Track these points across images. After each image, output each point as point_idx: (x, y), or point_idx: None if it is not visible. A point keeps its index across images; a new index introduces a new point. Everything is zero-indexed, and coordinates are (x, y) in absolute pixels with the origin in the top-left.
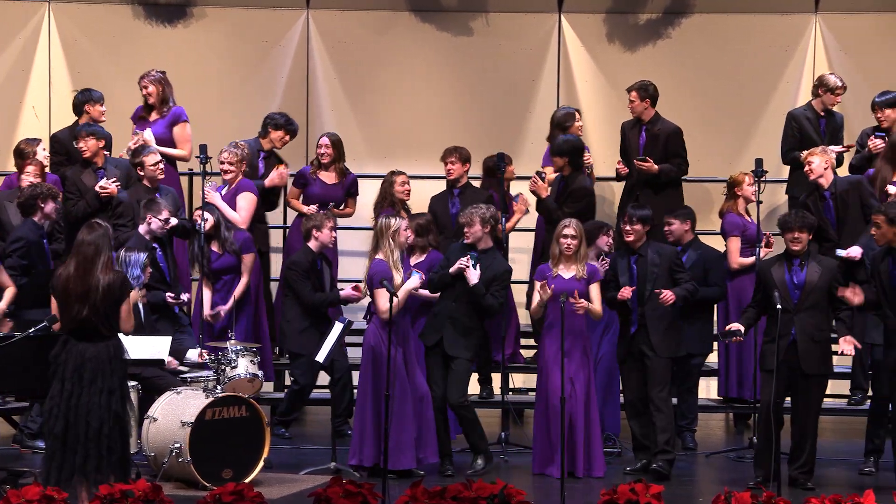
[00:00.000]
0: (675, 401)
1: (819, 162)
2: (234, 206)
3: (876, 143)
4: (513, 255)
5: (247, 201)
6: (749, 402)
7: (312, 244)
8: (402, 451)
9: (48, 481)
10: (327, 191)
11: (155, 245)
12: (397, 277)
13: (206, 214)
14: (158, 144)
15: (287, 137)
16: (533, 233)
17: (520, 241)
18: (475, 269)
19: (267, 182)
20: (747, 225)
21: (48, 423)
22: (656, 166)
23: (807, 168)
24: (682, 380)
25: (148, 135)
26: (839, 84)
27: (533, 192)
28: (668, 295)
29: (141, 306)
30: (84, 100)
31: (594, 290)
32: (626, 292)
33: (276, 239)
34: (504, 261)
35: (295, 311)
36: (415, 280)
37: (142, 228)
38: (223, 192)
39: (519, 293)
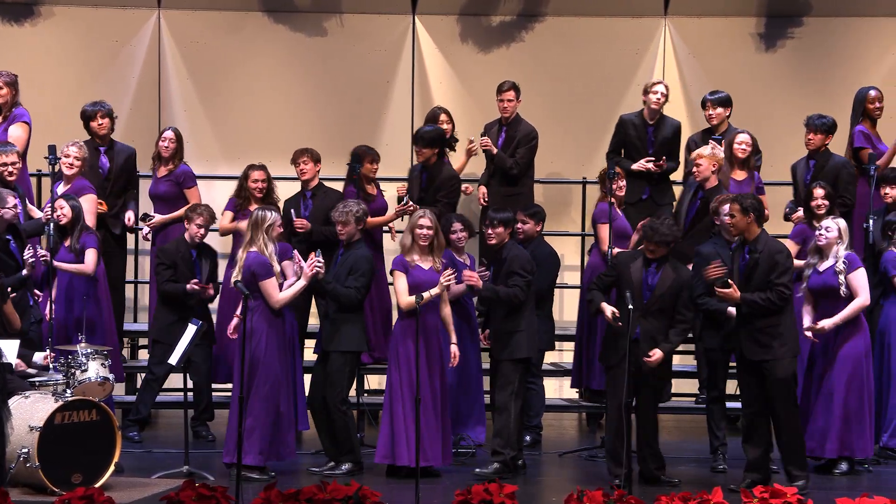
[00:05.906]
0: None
1: (706, 165)
2: None
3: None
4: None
5: (88, 202)
6: (601, 401)
7: (186, 235)
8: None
9: None
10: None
11: (9, 236)
12: (276, 267)
13: (64, 205)
14: None
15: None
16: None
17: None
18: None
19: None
20: (615, 216)
21: None
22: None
23: (695, 169)
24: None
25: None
26: (650, 82)
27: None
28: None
29: None
30: None
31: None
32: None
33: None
34: (366, 249)
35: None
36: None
37: None
38: (59, 188)
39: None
